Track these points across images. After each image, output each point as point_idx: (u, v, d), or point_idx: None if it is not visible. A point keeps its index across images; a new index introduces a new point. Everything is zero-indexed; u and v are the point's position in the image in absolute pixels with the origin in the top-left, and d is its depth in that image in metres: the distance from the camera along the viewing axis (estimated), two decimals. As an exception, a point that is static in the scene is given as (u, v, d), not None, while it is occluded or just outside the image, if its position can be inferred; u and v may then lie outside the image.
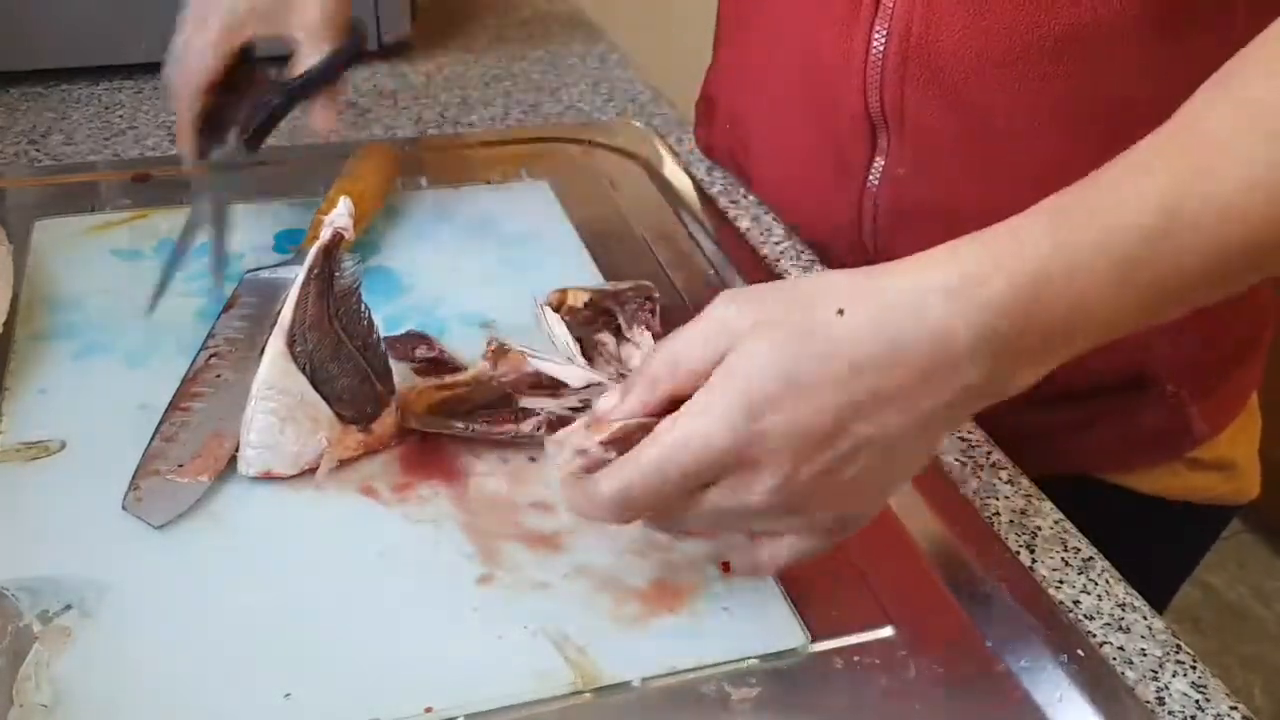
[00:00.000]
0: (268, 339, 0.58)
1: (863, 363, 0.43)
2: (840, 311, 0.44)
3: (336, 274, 0.59)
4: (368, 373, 0.59)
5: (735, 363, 0.44)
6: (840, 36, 0.70)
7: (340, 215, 0.59)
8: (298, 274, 0.58)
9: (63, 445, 0.60)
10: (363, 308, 0.60)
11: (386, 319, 0.71)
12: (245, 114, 0.73)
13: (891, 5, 0.67)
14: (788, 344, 0.44)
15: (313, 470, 0.58)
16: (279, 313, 0.58)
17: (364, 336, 0.60)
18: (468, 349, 0.68)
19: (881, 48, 0.68)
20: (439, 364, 0.67)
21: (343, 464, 0.59)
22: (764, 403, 0.43)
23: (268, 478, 0.58)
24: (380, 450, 0.60)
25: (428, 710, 0.48)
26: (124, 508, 0.56)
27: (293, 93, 0.73)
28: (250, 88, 0.73)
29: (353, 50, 0.75)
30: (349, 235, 0.59)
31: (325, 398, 0.58)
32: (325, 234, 0.59)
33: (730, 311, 0.45)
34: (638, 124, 0.99)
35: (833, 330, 0.43)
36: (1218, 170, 0.44)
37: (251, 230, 0.79)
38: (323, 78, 0.74)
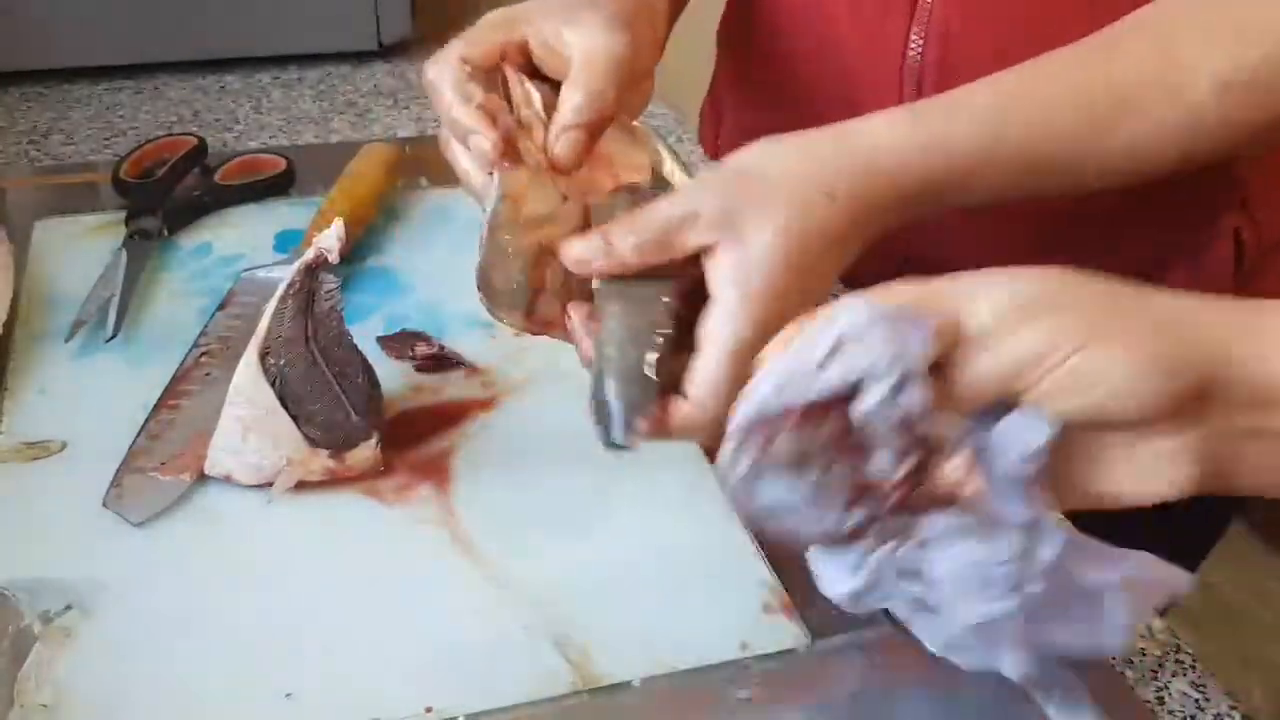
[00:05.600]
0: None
1: (851, 238, 0.50)
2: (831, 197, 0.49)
3: (317, 295, 0.58)
4: (343, 401, 0.58)
5: (742, 259, 0.49)
6: (872, 39, 0.67)
7: (328, 237, 0.59)
8: (280, 285, 0.58)
9: (63, 445, 0.60)
10: (344, 335, 0.59)
11: (386, 319, 0.71)
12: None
13: (929, 6, 0.64)
14: (789, 238, 0.49)
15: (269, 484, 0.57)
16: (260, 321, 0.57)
17: (343, 364, 0.59)
18: (468, 349, 0.68)
19: (919, 54, 0.65)
20: (440, 359, 0.67)
21: (304, 485, 0.58)
22: (776, 298, 0.48)
23: (229, 481, 0.57)
24: (353, 481, 0.58)
25: (428, 710, 0.48)
26: (104, 504, 0.56)
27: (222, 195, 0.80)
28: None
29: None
30: (333, 259, 0.58)
31: (294, 417, 0.57)
32: (309, 253, 0.58)
33: (730, 199, 0.50)
34: (638, 124, 0.99)
35: (829, 219, 0.49)
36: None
37: (250, 230, 0.79)
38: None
